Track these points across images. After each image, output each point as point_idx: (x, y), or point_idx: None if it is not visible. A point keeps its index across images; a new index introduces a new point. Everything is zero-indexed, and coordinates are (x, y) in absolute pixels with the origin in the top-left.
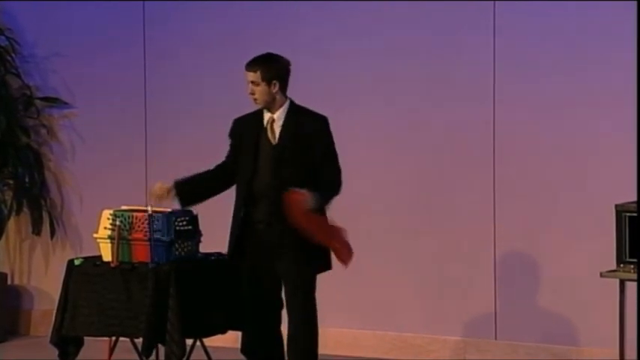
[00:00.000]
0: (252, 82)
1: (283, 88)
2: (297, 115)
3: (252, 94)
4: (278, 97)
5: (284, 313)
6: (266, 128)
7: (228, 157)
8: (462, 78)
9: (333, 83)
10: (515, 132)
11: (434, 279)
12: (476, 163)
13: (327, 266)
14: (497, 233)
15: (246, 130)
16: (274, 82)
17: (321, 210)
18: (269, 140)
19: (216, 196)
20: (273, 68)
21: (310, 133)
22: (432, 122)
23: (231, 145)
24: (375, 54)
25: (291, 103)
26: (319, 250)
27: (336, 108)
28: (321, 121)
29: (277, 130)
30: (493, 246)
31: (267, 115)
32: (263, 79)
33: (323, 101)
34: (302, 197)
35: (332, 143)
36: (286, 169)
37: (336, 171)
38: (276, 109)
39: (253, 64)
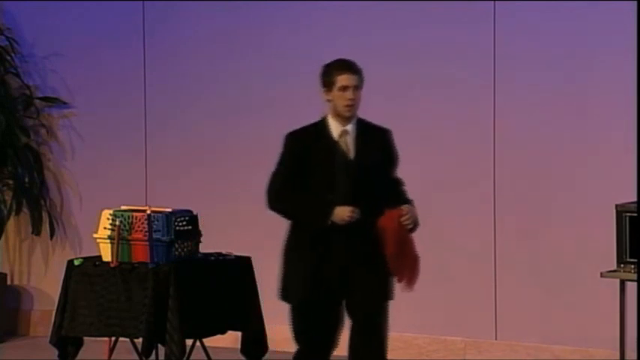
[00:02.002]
0: (356, 86)
1: None
2: (367, 127)
3: (353, 99)
4: None
5: None
6: (338, 142)
7: (290, 175)
8: (462, 78)
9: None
10: (515, 132)
11: (434, 279)
12: (476, 163)
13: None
14: (497, 233)
15: (314, 145)
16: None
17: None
18: (345, 156)
19: (215, 196)
20: None
21: (384, 147)
22: (432, 121)
23: (295, 164)
24: (374, 53)
25: (357, 115)
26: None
27: None
28: (390, 134)
29: (351, 143)
30: (493, 246)
31: (336, 128)
32: (362, 84)
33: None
34: (401, 213)
35: (398, 155)
36: (366, 186)
37: (403, 183)
38: (350, 121)
39: (356, 67)
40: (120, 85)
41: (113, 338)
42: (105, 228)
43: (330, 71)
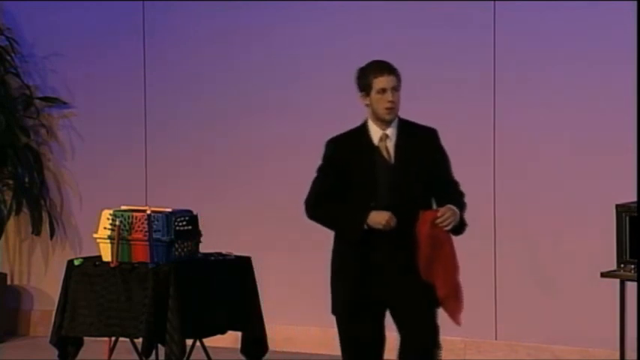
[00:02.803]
0: (395, 87)
1: None
2: (409, 129)
3: (392, 101)
4: None
5: None
6: (378, 147)
7: (329, 182)
8: (462, 78)
9: (332, 80)
10: (515, 132)
11: None
12: (475, 162)
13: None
14: (497, 233)
15: (354, 151)
16: None
17: (461, 224)
18: (385, 162)
19: (215, 196)
20: None
21: (429, 148)
22: (432, 121)
23: (334, 172)
24: (374, 53)
25: (399, 116)
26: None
27: (336, 105)
28: (435, 134)
29: (392, 148)
30: (493, 246)
31: (376, 132)
32: (400, 84)
33: (322, 99)
34: (436, 214)
35: (448, 155)
36: (408, 192)
37: (458, 184)
38: (390, 124)
39: (392, 68)
40: (120, 85)
41: (113, 338)
42: (105, 228)
43: (366, 75)
